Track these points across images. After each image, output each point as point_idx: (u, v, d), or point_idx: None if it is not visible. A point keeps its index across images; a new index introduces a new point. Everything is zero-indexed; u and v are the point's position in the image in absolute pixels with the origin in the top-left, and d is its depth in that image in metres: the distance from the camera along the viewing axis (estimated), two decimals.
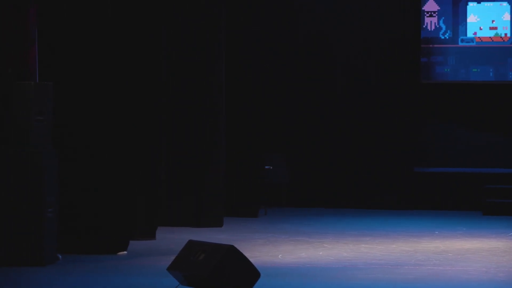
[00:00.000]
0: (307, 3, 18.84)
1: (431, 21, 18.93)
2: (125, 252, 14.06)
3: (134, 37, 14.75)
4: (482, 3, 18.80)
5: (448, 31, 18.93)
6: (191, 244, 11.44)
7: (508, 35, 18.77)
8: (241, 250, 11.16)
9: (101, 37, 14.04)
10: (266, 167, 17.90)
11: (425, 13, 18.97)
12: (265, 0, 18.41)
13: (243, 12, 17.93)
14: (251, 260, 11.17)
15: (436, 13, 18.92)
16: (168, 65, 16.10)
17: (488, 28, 18.86)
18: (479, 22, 18.87)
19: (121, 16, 14.49)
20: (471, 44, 18.89)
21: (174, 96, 16.38)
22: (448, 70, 19.00)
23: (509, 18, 18.74)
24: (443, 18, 18.94)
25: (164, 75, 15.97)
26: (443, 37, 18.94)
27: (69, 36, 13.67)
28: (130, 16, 14.80)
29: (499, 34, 18.82)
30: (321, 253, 14.06)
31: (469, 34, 18.89)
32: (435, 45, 18.98)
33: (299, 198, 18.62)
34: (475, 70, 18.94)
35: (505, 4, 18.70)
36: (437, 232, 15.83)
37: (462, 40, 18.91)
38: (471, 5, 18.84)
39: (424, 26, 18.95)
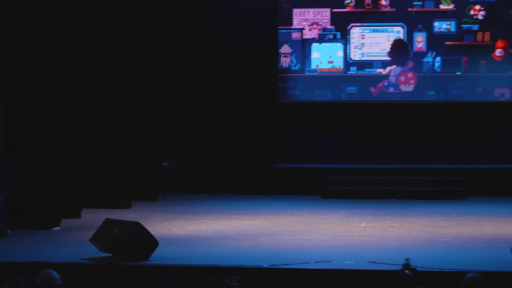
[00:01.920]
0: (200, 45, 18.76)
1: (285, 60, 18.94)
2: (58, 228, 14.07)
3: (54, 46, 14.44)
4: (322, 43, 18.85)
5: (298, 64, 18.87)
6: (107, 221, 11.56)
7: (342, 67, 18.81)
8: (144, 226, 11.31)
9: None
10: (164, 163, 17.82)
11: (281, 54, 18.93)
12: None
13: (155, 36, 17.94)
14: (152, 233, 11.33)
15: (289, 54, 18.90)
16: (93, 79, 15.92)
17: (327, 62, 18.82)
18: (320, 58, 18.84)
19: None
20: (314, 73, 18.89)
21: (96, 102, 16.16)
22: (298, 92, 18.96)
23: (342, 55, 18.80)
24: (294, 55, 18.90)
25: (91, 86, 15.89)
26: (294, 69, 18.91)
27: None
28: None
29: (335, 66, 18.83)
30: (204, 227, 14.18)
31: (313, 66, 18.88)
32: (289, 74, 18.93)
33: (188, 187, 18.39)
34: (318, 92, 18.91)
35: (339, 44, 18.86)
36: (288, 211, 15.88)
37: (308, 71, 18.91)
38: (314, 45, 18.83)
39: (280, 64, 18.92)
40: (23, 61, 14.00)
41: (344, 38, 18.80)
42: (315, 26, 18.86)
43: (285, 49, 18.94)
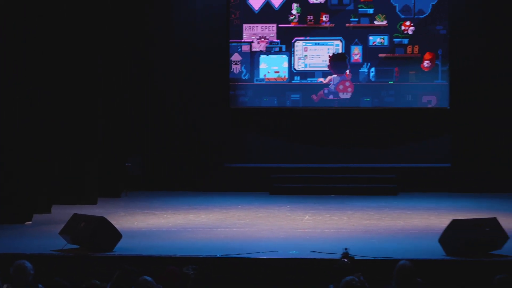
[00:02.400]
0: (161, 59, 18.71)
1: (236, 67, 18.97)
2: (30, 222, 13.98)
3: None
4: (269, 55, 18.85)
5: (247, 74, 18.85)
6: (75, 216, 11.52)
7: (287, 76, 18.82)
8: (109, 220, 11.28)
9: None
10: (127, 164, 17.74)
11: (232, 61, 18.96)
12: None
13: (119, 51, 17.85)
14: (116, 226, 11.31)
15: (240, 61, 18.99)
16: (61, 89, 15.82)
17: (274, 72, 18.79)
18: (268, 68, 18.81)
19: None
20: (262, 82, 18.86)
21: (66, 107, 16.09)
22: (247, 99, 18.89)
23: (287, 65, 18.81)
24: (244, 65, 18.87)
25: (60, 95, 15.78)
26: (244, 78, 18.87)
27: None
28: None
29: (281, 76, 18.82)
30: (163, 221, 14.17)
31: (261, 75, 18.86)
32: (239, 83, 18.89)
33: (149, 184, 18.35)
34: (265, 99, 18.85)
35: (284, 56, 18.90)
36: (239, 206, 15.88)
37: (257, 80, 18.87)
38: (262, 57, 18.82)
39: (231, 71, 18.97)
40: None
41: (289, 51, 18.83)
42: (262, 39, 18.87)
43: (236, 57, 18.92)
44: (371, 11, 18.70)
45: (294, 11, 18.83)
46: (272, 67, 18.90)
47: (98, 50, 16.63)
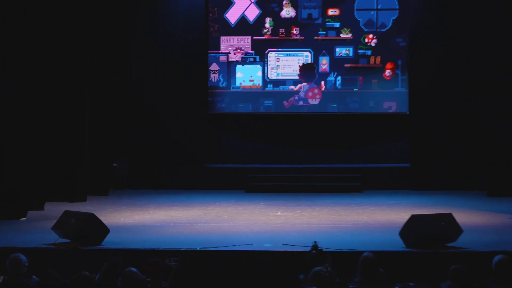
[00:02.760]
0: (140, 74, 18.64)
1: (214, 76, 18.95)
2: (24, 218, 13.90)
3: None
4: (244, 65, 18.81)
5: (225, 82, 18.79)
6: (66, 212, 11.45)
7: (260, 84, 18.79)
8: (97, 216, 11.22)
9: None
10: (114, 164, 17.67)
11: (211, 70, 18.88)
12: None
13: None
14: (104, 222, 11.25)
15: (217, 71, 18.94)
16: (48, 97, 15.67)
17: (249, 80, 18.76)
18: (243, 76, 18.76)
19: None
20: (238, 90, 18.82)
21: (57, 112, 15.98)
22: (225, 105, 18.83)
23: (261, 74, 18.74)
24: (221, 74, 18.84)
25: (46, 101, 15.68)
26: (221, 86, 18.84)
27: None
28: None
29: (255, 84, 18.78)
30: (147, 217, 14.11)
31: (237, 84, 18.81)
32: (217, 91, 18.84)
33: (135, 183, 18.21)
34: (241, 105, 18.79)
35: (258, 66, 18.86)
36: (217, 203, 15.81)
37: (233, 88, 18.81)
38: (238, 66, 18.77)
39: (210, 79, 18.93)
40: None
41: (263, 61, 18.80)
42: (238, 50, 18.84)
43: (214, 66, 18.86)
44: (337, 25, 18.74)
45: (267, 25, 18.83)
46: (247, 76, 18.87)
47: (87, 62, 16.57)
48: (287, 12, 18.81)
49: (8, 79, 14.11)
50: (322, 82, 18.78)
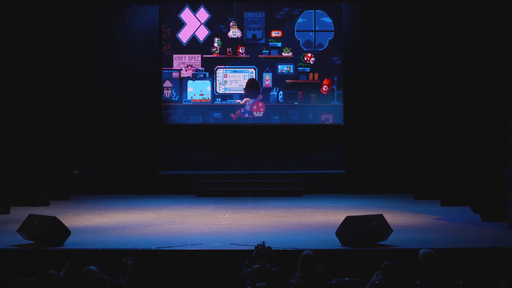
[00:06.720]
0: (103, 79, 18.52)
1: (167, 92, 18.85)
2: None
3: None
4: (195, 80, 18.79)
5: (177, 96, 18.77)
6: (30, 216, 11.29)
7: (210, 98, 18.79)
8: (59, 219, 11.08)
9: None
10: (75, 171, 17.54)
11: (164, 87, 18.79)
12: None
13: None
14: (65, 224, 11.11)
15: (170, 87, 18.83)
16: (11, 106, 15.41)
17: (199, 94, 18.74)
18: (194, 91, 18.74)
19: None
20: (189, 103, 18.79)
21: (20, 124, 15.79)
22: (177, 117, 18.80)
23: (210, 89, 18.71)
24: (174, 89, 18.82)
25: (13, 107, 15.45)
26: (174, 99, 18.80)
27: None
28: None
29: (205, 98, 18.78)
30: (106, 219, 13.97)
31: (189, 97, 18.81)
32: (170, 104, 18.78)
33: (94, 189, 18.12)
34: (192, 117, 18.77)
35: (208, 81, 18.85)
36: (170, 207, 15.73)
37: (185, 101, 18.79)
38: (189, 82, 18.72)
39: (164, 94, 18.83)
40: None
41: (212, 77, 18.81)
42: (190, 67, 18.83)
43: (167, 83, 18.81)
44: (279, 44, 18.86)
45: (216, 44, 18.85)
46: (197, 91, 18.84)
47: (48, 73, 16.38)
48: (234, 32, 18.85)
49: None
50: (266, 96, 18.86)
